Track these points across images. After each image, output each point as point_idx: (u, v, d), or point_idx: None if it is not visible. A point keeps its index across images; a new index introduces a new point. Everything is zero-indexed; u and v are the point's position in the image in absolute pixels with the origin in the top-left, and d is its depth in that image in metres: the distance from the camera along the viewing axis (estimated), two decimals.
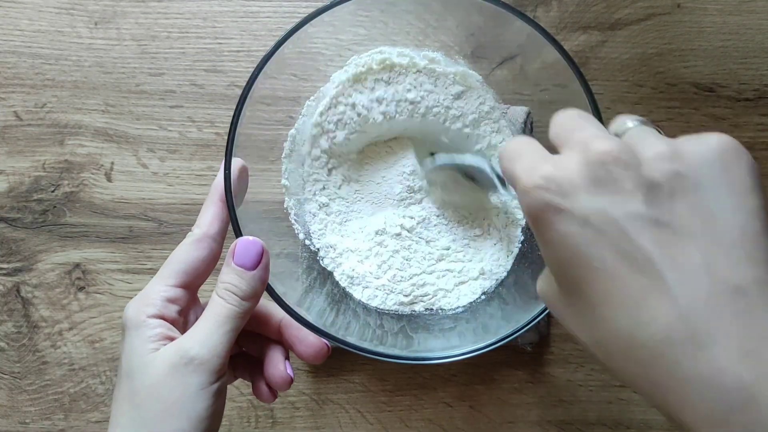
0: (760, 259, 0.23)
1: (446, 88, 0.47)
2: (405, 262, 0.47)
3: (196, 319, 0.36)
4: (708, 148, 0.24)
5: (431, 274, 0.47)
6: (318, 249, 0.48)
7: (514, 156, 0.27)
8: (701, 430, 0.22)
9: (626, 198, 0.24)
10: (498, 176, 0.41)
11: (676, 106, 0.53)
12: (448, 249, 0.48)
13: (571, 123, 0.27)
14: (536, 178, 0.25)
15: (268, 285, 0.36)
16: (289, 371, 0.37)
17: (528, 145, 0.27)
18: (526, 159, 0.26)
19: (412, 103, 0.47)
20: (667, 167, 0.24)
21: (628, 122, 0.27)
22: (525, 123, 0.48)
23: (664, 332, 0.23)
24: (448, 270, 0.48)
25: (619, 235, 0.23)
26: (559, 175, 0.25)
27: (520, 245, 0.48)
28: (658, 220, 0.23)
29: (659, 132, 0.26)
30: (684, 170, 0.24)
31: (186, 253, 0.36)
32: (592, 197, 0.24)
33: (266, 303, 0.38)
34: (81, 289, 0.52)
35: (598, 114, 0.39)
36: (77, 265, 0.52)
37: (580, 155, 0.25)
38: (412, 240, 0.48)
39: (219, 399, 0.34)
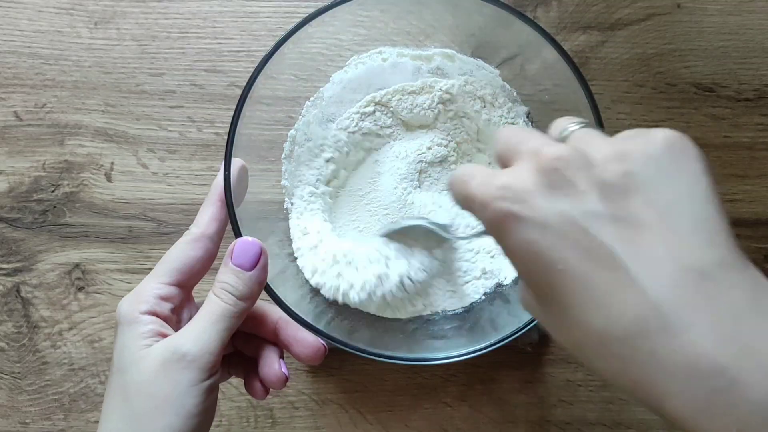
0: (719, 241, 0.23)
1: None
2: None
3: (190, 318, 0.36)
4: (654, 145, 0.25)
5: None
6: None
7: (465, 178, 0.27)
8: (685, 418, 0.22)
9: (582, 198, 0.24)
10: (438, 225, 0.42)
11: (676, 106, 0.53)
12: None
13: (516, 137, 0.27)
14: (492, 189, 0.25)
15: (267, 284, 0.37)
16: (284, 370, 0.37)
17: (476, 167, 0.28)
18: (478, 177, 0.27)
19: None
20: (616, 168, 0.24)
21: (569, 126, 0.28)
22: (525, 123, 0.48)
23: (636, 324, 0.23)
24: (450, 272, 0.47)
25: (580, 234, 0.24)
26: (515, 183, 0.25)
27: None
28: (615, 216, 0.24)
29: (602, 132, 0.27)
30: (633, 169, 0.24)
31: (182, 251, 0.37)
32: (549, 201, 0.24)
33: (262, 304, 0.38)
34: (81, 289, 0.52)
35: (597, 114, 0.39)
36: (77, 265, 0.52)
37: (531, 163, 0.25)
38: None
39: (210, 396, 0.34)
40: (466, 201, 0.27)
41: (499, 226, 0.25)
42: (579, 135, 0.27)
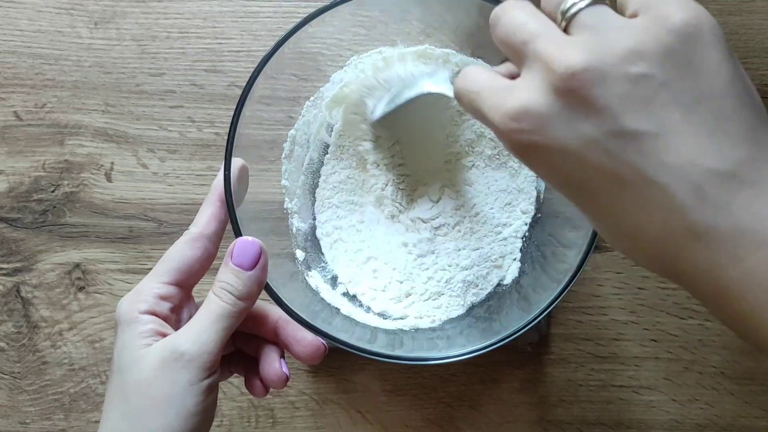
0: (741, 136, 0.23)
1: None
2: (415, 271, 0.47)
3: (190, 317, 0.36)
4: (669, 36, 0.23)
5: (431, 279, 0.47)
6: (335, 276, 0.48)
7: (473, 95, 0.27)
8: (699, 274, 0.24)
9: (601, 118, 0.23)
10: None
11: None
12: (458, 252, 0.48)
13: (519, 30, 0.26)
14: (507, 120, 0.25)
15: (267, 284, 0.37)
16: (285, 369, 0.37)
17: (481, 76, 0.27)
18: (488, 95, 0.26)
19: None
20: (633, 72, 0.23)
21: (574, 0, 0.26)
22: None
23: (664, 229, 0.24)
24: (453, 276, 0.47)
25: (604, 156, 0.24)
26: (530, 111, 0.24)
27: (522, 244, 0.48)
28: (638, 131, 0.23)
29: (611, 10, 0.25)
30: (649, 71, 0.23)
31: (180, 251, 0.37)
32: (567, 125, 0.24)
33: (262, 303, 0.38)
34: (81, 289, 0.52)
35: None
36: (77, 265, 0.52)
37: (544, 81, 0.24)
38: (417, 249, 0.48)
39: (209, 396, 0.34)
40: (482, 121, 0.27)
41: (520, 153, 0.25)
42: (586, 21, 0.25)
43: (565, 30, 0.25)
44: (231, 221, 0.37)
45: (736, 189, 0.23)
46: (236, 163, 0.38)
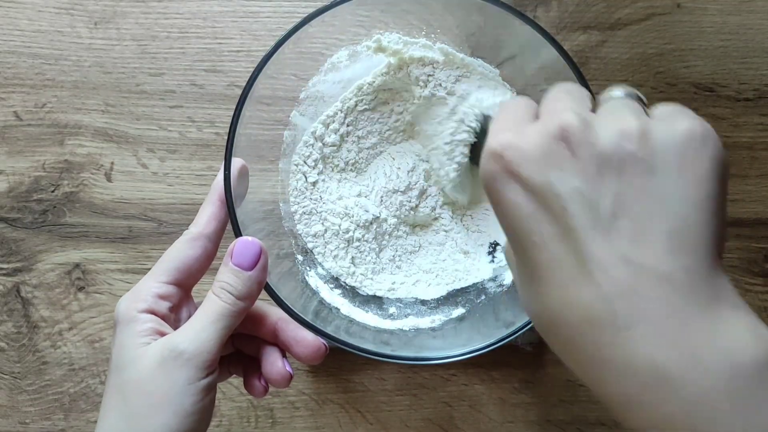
0: (696, 249, 0.23)
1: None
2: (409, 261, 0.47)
3: (189, 317, 0.36)
4: (673, 134, 0.23)
5: (429, 272, 0.47)
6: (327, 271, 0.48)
7: (500, 113, 0.27)
8: (613, 406, 0.23)
9: (573, 174, 0.23)
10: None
11: None
12: (453, 246, 0.48)
13: (556, 94, 0.27)
14: (496, 143, 0.25)
15: (267, 284, 0.36)
16: (288, 368, 0.37)
17: (517, 106, 0.27)
18: (502, 120, 0.26)
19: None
20: (625, 146, 0.23)
21: (615, 91, 0.27)
22: None
23: (586, 314, 0.23)
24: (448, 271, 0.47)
25: (560, 212, 0.23)
26: (517, 144, 0.25)
27: None
28: (597, 203, 0.23)
29: (643, 106, 0.26)
30: (642, 154, 0.23)
31: (180, 251, 0.37)
32: (542, 170, 0.24)
33: (261, 304, 0.38)
34: (81, 289, 0.52)
35: None
36: (77, 265, 0.52)
37: (543, 126, 0.25)
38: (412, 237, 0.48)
39: (207, 395, 0.34)
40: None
41: (489, 179, 0.25)
42: (615, 104, 0.26)
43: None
44: (231, 221, 0.37)
45: (667, 291, 0.22)
46: (236, 163, 0.38)
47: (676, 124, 0.24)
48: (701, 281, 0.23)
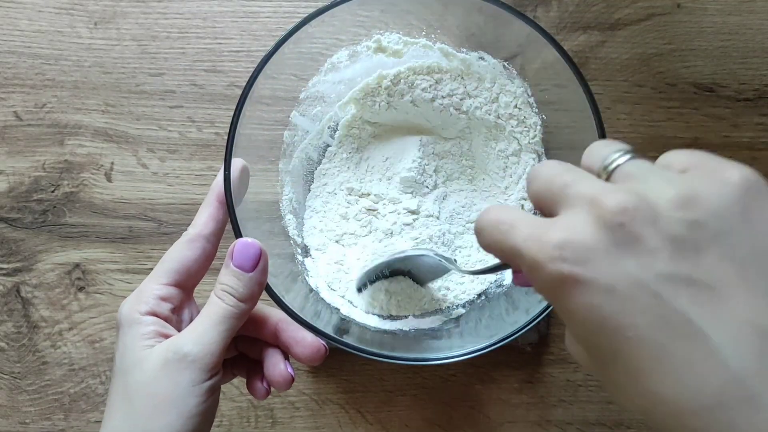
0: None
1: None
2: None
3: (191, 318, 0.36)
4: (727, 188, 0.22)
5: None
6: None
7: (505, 227, 0.24)
8: None
9: (652, 258, 0.22)
10: (444, 258, 0.41)
11: (676, 106, 0.53)
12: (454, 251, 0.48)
13: (559, 177, 0.24)
14: (548, 248, 0.22)
15: (267, 285, 0.37)
16: (290, 370, 0.37)
17: (514, 212, 0.25)
18: (523, 228, 0.24)
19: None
20: (686, 218, 0.22)
21: (613, 156, 0.25)
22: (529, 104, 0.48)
23: (717, 398, 0.21)
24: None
25: (651, 299, 0.21)
26: (575, 240, 0.22)
27: None
28: (689, 278, 0.21)
29: (653, 165, 0.25)
30: (703, 218, 0.22)
31: (179, 252, 0.37)
32: (616, 262, 0.22)
33: (262, 306, 0.38)
34: (81, 289, 0.52)
35: (597, 114, 0.39)
36: (77, 265, 0.52)
37: (590, 215, 0.22)
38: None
39: (211, 397, 0.34)
40: (507, 254, 0.25)
41: (557, 289, 0.23)
42: (630, 171, 0.24)
43: (607, 180, 0.25)
44: (231, 221, 0.37)
45: None
46: (237, 163, 0.38)
47: (724, 177, 0.23)
48: None
